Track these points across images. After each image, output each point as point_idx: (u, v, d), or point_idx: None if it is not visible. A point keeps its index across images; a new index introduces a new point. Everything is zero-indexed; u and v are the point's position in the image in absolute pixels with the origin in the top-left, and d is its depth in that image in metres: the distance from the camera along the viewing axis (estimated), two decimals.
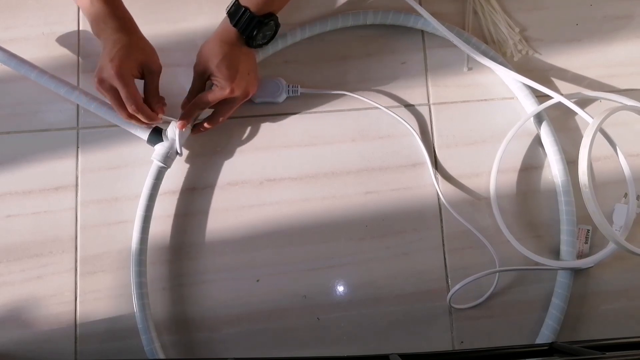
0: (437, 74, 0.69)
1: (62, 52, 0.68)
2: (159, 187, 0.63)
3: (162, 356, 0.59)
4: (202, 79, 0.62)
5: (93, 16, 0.58)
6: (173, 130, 0.61)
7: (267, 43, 0.62)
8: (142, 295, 0.60)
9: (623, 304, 0.65)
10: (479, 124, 0.68)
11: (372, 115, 0.68)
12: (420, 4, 0.70)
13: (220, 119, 0.62)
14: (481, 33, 0.70)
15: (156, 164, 0.62)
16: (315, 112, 0.68)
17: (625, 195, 0.65)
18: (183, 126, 0.60)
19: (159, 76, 0.60)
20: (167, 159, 0.62)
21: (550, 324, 0.62)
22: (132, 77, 0.57)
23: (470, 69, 0.69)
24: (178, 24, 0.69)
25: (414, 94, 0.69)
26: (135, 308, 0.60)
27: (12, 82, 0.67)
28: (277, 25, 0.60)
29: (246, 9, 0.57)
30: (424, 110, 0.69)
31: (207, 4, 0.70)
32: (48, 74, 0.64)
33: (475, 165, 0.67)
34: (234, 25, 0.58)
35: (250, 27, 0.58)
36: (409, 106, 0.68)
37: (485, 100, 0.69)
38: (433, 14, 0.70)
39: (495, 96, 0.69)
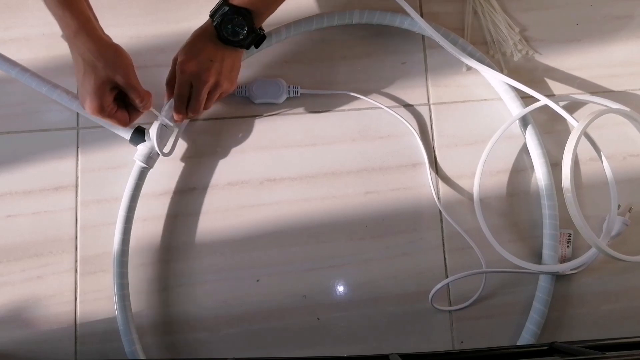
0: (437, 74, 0.69)
1: (62, 52, 0.68)
2: (141, 187, 0.63)
3: (142, 356, 0.59)
4: (174, 64, 0.61)
5: (54, 15, 0.55)
6: (155, 131, 0.61)
7: (239, 42, 0.58)
8: (124, 297, 0.60)
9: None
10: (479, 124, 0.68)
11: (372, 115, 0.68)
12: (420, 4, 0.71)
13: (192, 106, 0.60)
14: (481, 33, 0.70)
15: (138, 164, 0.62)
16: (315, 112, 0.68)
17: (619, 207, 0.64)
18: (179, 118, 0.61)
19: (132, 72, 0.57)
20: (150, 159, 0.62)
21: (531, 327, 0.62)
22: (110, 106, 0.57)
23: (469, 68, 0.69)
24: (178, 24, 0.69)
25: (414, 94, 0.69)
26: (116, 309, 0.60)
27: (12, 82, 0.66)
28: (249, 22, 0.57)
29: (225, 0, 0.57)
30: (423, 110, 0.69)
31: (207, 5, 0.69)
32: (30, 71, 0.63)
33: (475, 166, 0.67)
34: (210, 14, 0.58)
35: (218, 15, 0.57)
36: (409, 106, 0.69)
37: (485, 100, 0.69)
38: (433, 14, 0.70)
39: (495, 96, 0.69)
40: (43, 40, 0.68)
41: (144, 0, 0.69)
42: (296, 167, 0.66)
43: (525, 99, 0.66)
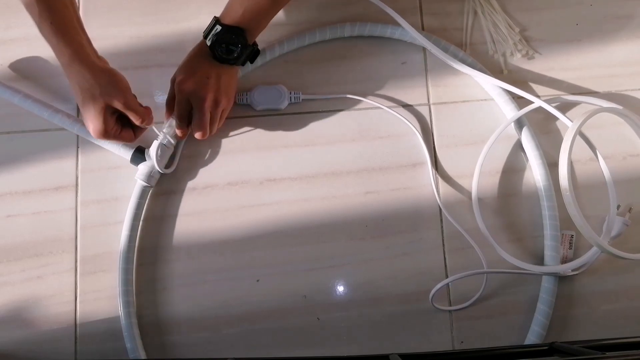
0: (437, 74, 0.69)
1: None
2: (143, 206, 0.63)
3: (142, 356, 0.60)
4: (173, 84, 0.62)
5: (49, 43, 0.56)
6: (155, 150, 0.61)
7: (234, 60, 0.59)
8: (127, 292, 0.61)
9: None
10: (479, 124, 0.68)
11: (372, 115, 0.68)
12: (420, 5, 0.71)
13: (195, 125, 0.60)
14: (481, 33, 0.70)
15: (140, 183, 0.62)
16: (315, 112, 0.68)
17: (619, 207, 0.64)
18: (182, 133, 0.62)
19: (129, 94, 0.58)
20: (151, 178, 0.62)
21: (536, 329, 0.62)
22: (113, 128, 0.58)
23: None
24: (178, 24, 0.69)
25: (414, 94, 0.69)
26: (120, 305, 0.61)
27: (13, 82, 0.67)
28: (242, 40, 0.58)
29: (217, 19, 0.58)
30: (424, 110, 0.68)
31: (207, 5, 0.70)
32: (32, 97, 0.64)
33: (475, 166, 0.67)
34: (203, 35, 0.59)
35: (211, 35, 0.57)
36: (408, 106, 0.68)
37: (485, 100, 0.69)
38: (433, 15, 0.70)
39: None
40: (43, 40, 0.68)
41: (144, 0, 0.69)
42: (296, 167, 0.66)
43: (522, 100, 0.66)
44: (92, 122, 0.56)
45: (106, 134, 0.57)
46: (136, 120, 0.58)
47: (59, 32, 0.54)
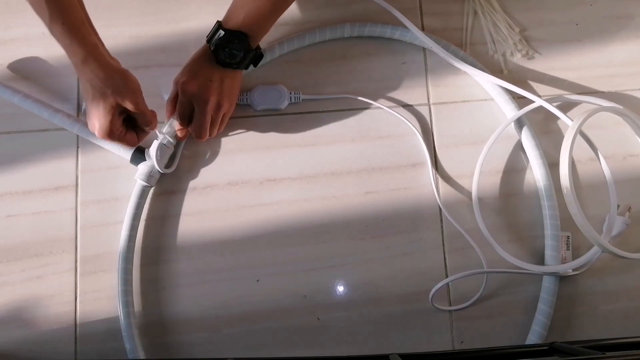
0: (437, 74, 0.69)
1: (62, 52, 0.68)
2: (143, 206, 0.63)
3: (142, 355, 0.60)
4: (175, 85, 0.62)
5: (60, 44, 0.55)
6: (155, 150, 0.61)
7: (237, 64, 0.59)
8: (127, 292, 0.61)
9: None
10: (479, 124, 0.68)
11: (372, 115, 0.68)
12: (420, 5, 0.71)
13: (195, 127, 0.61)
14: (481, 33, 0.70)
15: (140, 183, 0.62)
16: (315, 112, 0.68)
17: (618, 206, 0.64)
18: (182, 134, 0.62)
19: (140, 96, 0.57)
20: (151, 178, 0.62)
21: (537, 329, 0.62)
22: (119, 129, 0.57)
23: None
24: (178, 24, 0.69)
25: (414, 94, 0.69)
26: (119, 304, 0.61)
27: (12, 82, 0.67)
28: (245, 45, 0.58)
29: (220, 23, 0.58)
30: (424, 110, 0.69)
31: (207, 5, 0.70)
32: (31, 97, 0.64)
33: (475, 166, 0.67)
34: (206, 39, 0.59)
35: (214, 40, 0.57)
36: (408, 106, 0.69)
37: (485, 100, 0.69)
38: (433, 15, 0.70)
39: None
40: (43, 40, 0.68)
41: (144, 0, 0.69)
42: (296, 167, 0.66)
43: (522, 100, 0.66)
44: (99, 120, 0.56)
45: (111, 134, 0.57)
46: (144, 124, 0.58)
47: (71, 32, 0.53)
